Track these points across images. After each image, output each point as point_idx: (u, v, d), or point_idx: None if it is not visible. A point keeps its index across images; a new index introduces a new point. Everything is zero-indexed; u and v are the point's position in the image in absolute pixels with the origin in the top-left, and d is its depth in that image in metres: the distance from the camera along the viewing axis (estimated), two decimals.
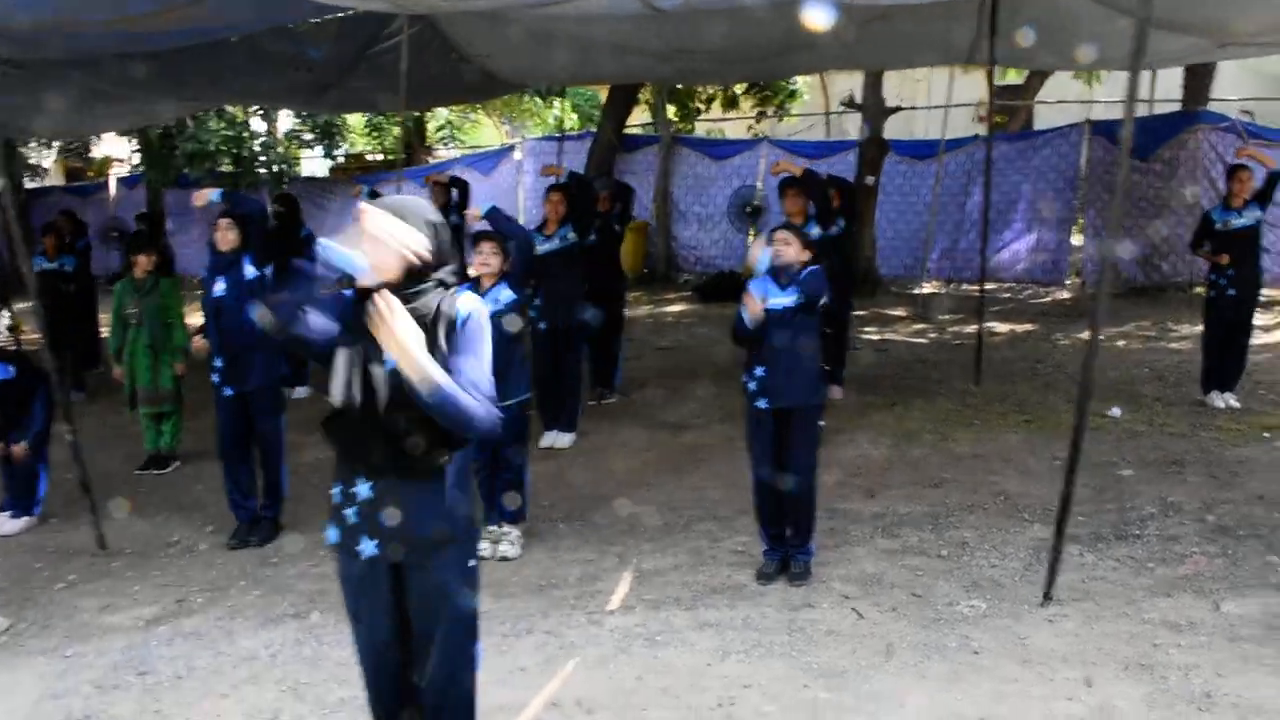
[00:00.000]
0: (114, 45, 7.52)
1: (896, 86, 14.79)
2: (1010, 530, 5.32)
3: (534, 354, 6.80)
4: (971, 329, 10.04)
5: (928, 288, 12.67)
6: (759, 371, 4.72)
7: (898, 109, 12.55)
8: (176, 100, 10.77)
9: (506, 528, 5.35)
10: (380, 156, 19.81)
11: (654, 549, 5.29)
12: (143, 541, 5.81)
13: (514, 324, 5.16)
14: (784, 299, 4.68)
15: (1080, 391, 4.39)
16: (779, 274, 4.71)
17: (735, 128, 16.95)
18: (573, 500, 6.04)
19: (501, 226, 5.58)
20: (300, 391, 8.55)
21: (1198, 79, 12.49)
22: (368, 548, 2.83)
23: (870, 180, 12.30)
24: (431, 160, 18.62)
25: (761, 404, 4.73)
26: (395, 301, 2.59)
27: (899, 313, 11.70)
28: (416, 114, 17.91)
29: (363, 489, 2.82)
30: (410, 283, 2.77)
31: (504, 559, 5.22)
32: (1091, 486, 5.93)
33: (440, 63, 9.45)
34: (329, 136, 16.94)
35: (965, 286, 12.36)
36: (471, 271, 5.17)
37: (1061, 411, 7.37)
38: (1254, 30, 7.77)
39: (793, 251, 4.69)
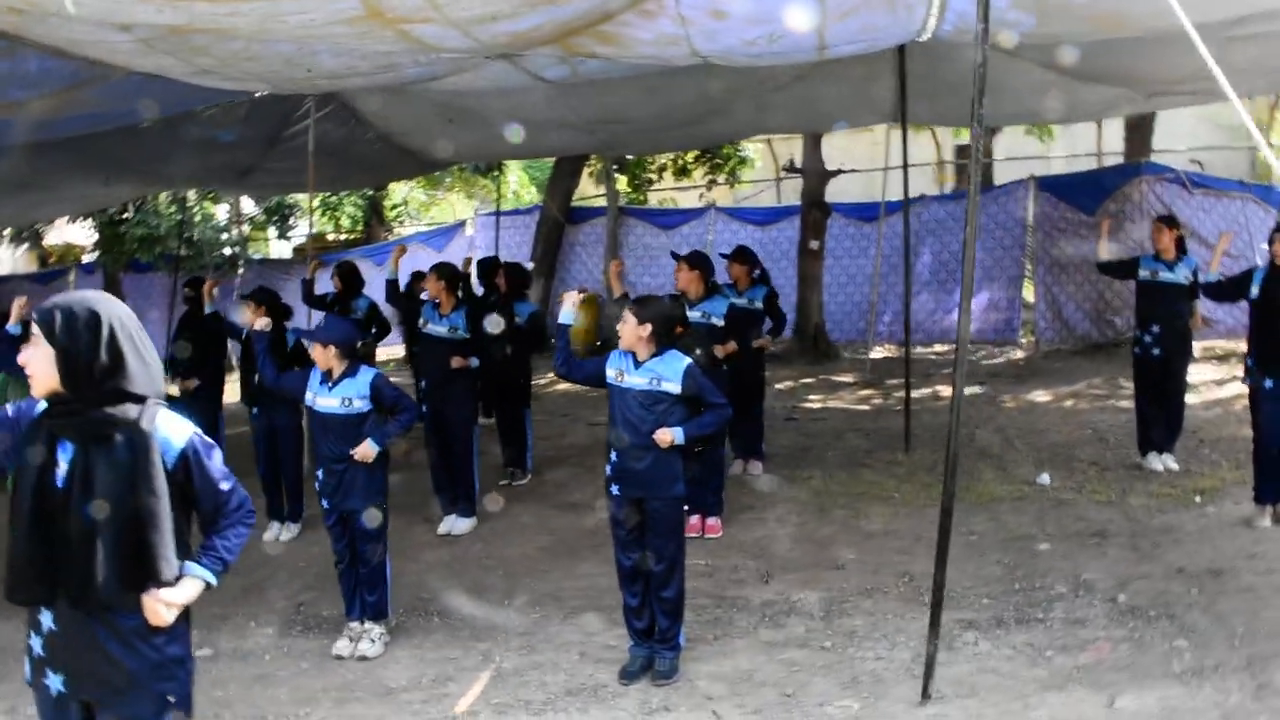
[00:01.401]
0: (14, 134, 7.34)
1: (846, 148, 14.63)
2: (906, 617, 4.93)
3: (424, 438, 6.47)
4: (919, 394, 9.71)
5: (878, 352, 12.36)
6: (613, 456, 4.40)
7: (838, 172, 12.36)
8: (102, 187, 10.60)
9: (368, 624, 4.99)
10: (340, 236, 19.66)
11: (522, 645, 4.91)
12: None
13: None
14: (636, 379, 4.36)
15: (946, 478, 4.03)
16: (636, 352, 4.39)
17: (689, 197, 16.79)
18: (455, 591, 5.67)
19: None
20: None
21: (1139, 130, 12.32)
22: (54, 683, 2.54)
23: (814, 245, 12.08)
24: (390, 238, 18.45)
25: (614, 490, 4.40)
26: (162, 595, 2.53)
27: (846, 379, 11.37)
28: (370, 192, 17.79)
29: (46, 618, 2.53)
30: (78, 393, 2.48)
31: (362, 658, 4.85)
32: (1004, 564, 5.58)
33: (358, 142, 9.28)
34: (282, 217, 16.77)
35: (919, 349, 12.03)
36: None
37: (988, 481, 7.02)
38: (1178, 78, 7.57)
39: (628, 332, 4.33)
